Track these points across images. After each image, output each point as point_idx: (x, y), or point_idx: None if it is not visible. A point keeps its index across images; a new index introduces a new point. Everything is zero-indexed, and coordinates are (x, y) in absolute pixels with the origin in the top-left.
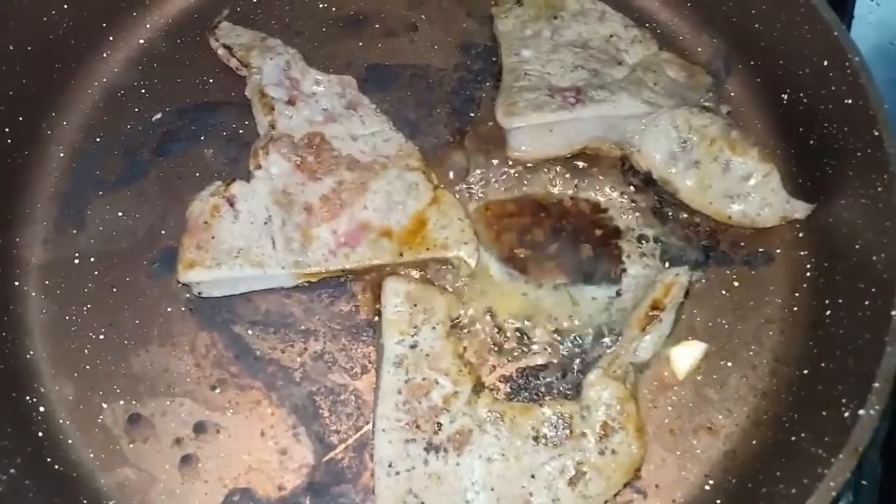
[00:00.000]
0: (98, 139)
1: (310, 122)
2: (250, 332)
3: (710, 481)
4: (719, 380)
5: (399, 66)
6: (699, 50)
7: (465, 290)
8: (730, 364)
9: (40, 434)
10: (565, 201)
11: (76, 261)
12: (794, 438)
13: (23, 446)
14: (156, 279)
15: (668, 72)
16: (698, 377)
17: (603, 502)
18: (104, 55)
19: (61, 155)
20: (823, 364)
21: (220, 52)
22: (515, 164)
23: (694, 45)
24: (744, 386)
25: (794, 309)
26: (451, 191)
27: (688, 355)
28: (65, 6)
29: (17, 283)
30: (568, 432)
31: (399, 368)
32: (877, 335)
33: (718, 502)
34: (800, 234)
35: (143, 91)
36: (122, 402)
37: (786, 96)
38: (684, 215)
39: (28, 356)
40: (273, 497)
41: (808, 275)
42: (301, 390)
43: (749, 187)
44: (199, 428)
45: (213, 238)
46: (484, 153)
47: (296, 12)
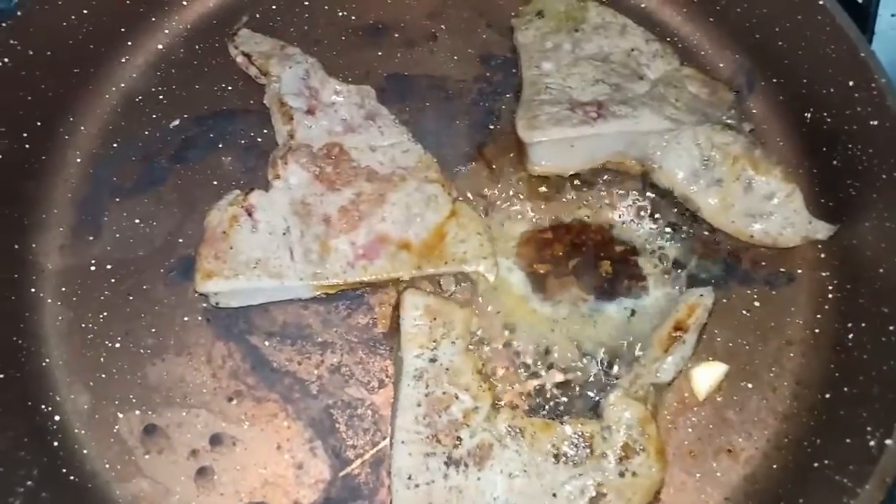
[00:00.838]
0: (115, 145)
1: (329, 133)
2: (267, 343)
3: None
4: (740, 401)
5: (418, 76)
6: (721, 66)
7: (484, 305)
8: (750, 385)
9: (56, 444)
10: (585, 217)
11: (93, 268)
12: (816, 465)
13: (39, 457)
14: (173, 288)
15: (689, 87)
16: (718, 398)
17: None
18: (123, 60)
19: (78, 160)
20: (846, 389)
21: (239, 59)
22: (535, 178)
23: (716, 60)
24: (764, 408)
25: (816, 331)
26: (469, 204)
27: (708, 376)
28: (84, 11)
29: (33, 290)
30: (588, 452)
31: (419, 382)
32: None
33: None
34: (822, 255)
35: (161, 97)
36: (138, 412)
37: (809, 115)
38: (705, 233)
39: (44, 364)
40: None
41: (830, 296)
42: (318, 403)
43: (771, 207)
44: (216, 440)
45: (230, 248)
46: (503, 166)
47: (315, 20)
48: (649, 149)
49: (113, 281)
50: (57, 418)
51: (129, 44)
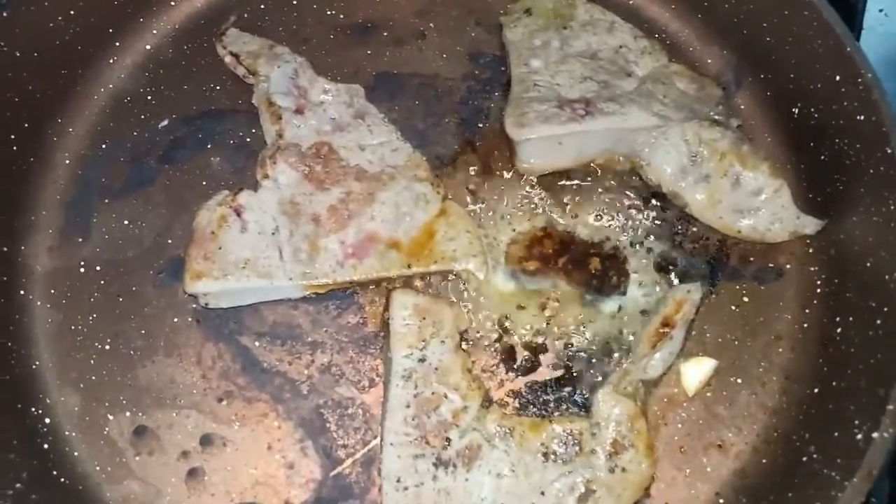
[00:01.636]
0: (104, 146)
1: (318, 132)
2: (257, 343)
3: (721, 500)
4: (729, 397)
5: (407, 74)
6: (709, 62)
7: (473, 303)
8: (739, 381)
9: (46, 446)
10: (574, 214)
11: (82, 269)
12: (805, 459)
13: (29, 459)
14: (162, 289)
15: (677, 84)
16: (708, 394)
17: None
18: (111, 61)
19: (67, 162)
20: (835, 383)
21: (228, 59)
22: (524, 175)
23: (704, 57)
24: (754, 403)
25: (805, 325)
26: (459, 202)
27: (697, 371)
28: (71, 12)
29: (22, 292)
30: (577, 449)
31: (408, 382)
32: (890, 356)
33: None
34: (810, 250)
35: (149, 98)
36: (128, 413)
37: (797, 110)
38: (693, 229)
39: (34, 366)
40: None
41: (818, 291)
42: (308, 403)
43: (759, 202)
44: (206, 441)
45: (220, 249)
46: (493, 164)
47: (303, 19)
48: (637, 145)
49: (102, 282)
50: (47, 420)
51: (117, 44)
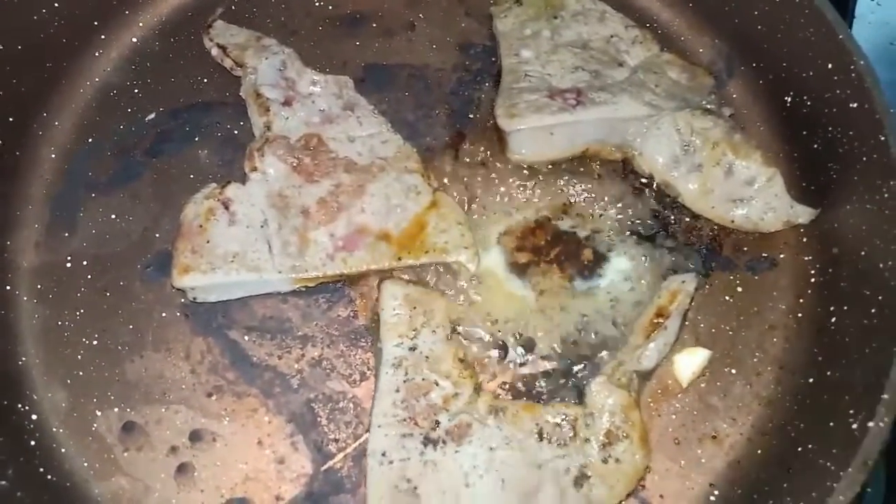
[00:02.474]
0: (90, 140)
1: (306, 124)
2: (246, 337)
3: (716, 492)
4: (723, 387)
5: (397, 65)
6: (701, 51)
7: (465, 294)
8: (734, 371)
9: (33, 443)
10: (566, 204)
11: (68, 264)
12: (800, 449)
13: (15, 455)
14: (150, 283)
15: (669, 73)
16: (702, 384)
17: None
18: (96, 54)
19: (53, 156)
20: (829, 373)
21: (215, 51)
22: (515, 166)
23: (695, 46)
24: (748, 394)
25: (799, 315)
26: (450, 194)
27: (691, 362)
28: (56, 4)
29: (8, 288)
30: (572, 434)
31: (398, 369)
32: (884, 345)
33: None
34: (804, 239)
35: (136, 91)
36: (117, 409)
37: (789, 99)
38: (686, 219)
39: (20, 363)
40: None
41: (812, 280)
42: (299, 398)
43: (752, 191)
44: (195, 436)
45: (207, 242)
46: (484, 155)
47: (292, 11)
48: (629, 135)
49: (89, 277)
50: (34, 417)
51: (103, 37)
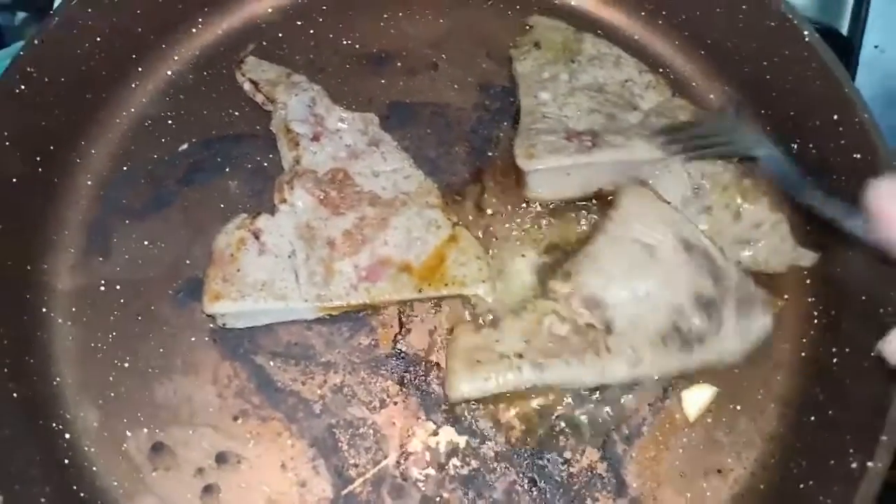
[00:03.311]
0: (125, 168)
1: (333, 158)
2: (272, 363)
3: None
4: (728, 423)
5: (420, 104)
6: (711, 97)
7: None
8: (739, 408)
9: (66, 461)
10: (581, 242)
11: (102, 288)
12: (801, 486)
13: (50, 474)
14: (180, 308)
15: (680, 118)
16: (708, 420)
17: None
18: (133, 86)
19: (89, 183)
20: (831, 412)
21: (247, 86)
22: (532, 203)
23: (706, 92)
24: (752, 430)
25: (802, 355)
26: (469, 228)
27: (698, 398)
28: (98, 39)
29: (44, 310)
30: None
31: None
32: (883, 388)
33: None
34: (807, 281)
35: (170, 122)
36: (146, 430)
37: (795, 146)
38: None
39: (54, 383)
40: None
41: (815, 322)
42: (321, 423)
43: (759, 234)
44: (221, 458)
45: (238, 270)
46: (501, 192)
47: (320, 48)
48: (642, 177)
49: (122, 301)
50: (67, 436)
51: (140, 70)
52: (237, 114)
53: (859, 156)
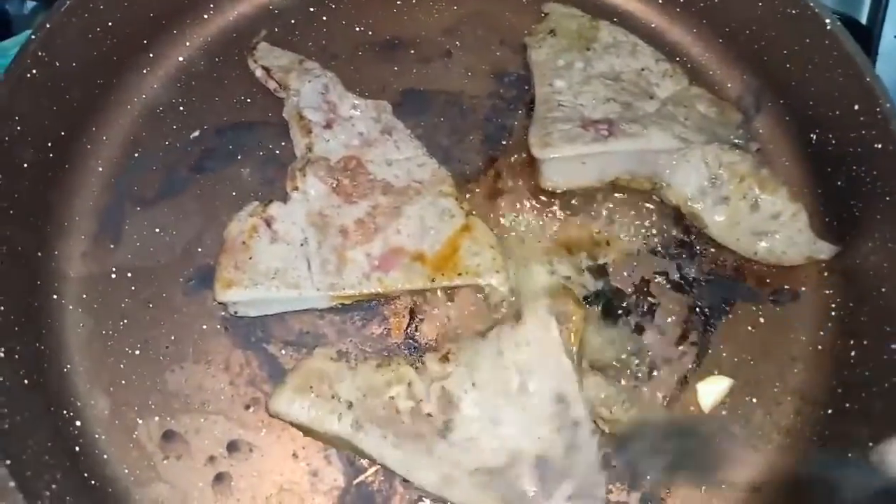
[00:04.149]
0: (137, 155)
1: (346, 146)
2: (283, 351)
3: None
4: (744, 416)
5: (433, 91)
6: (729, 86)
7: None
8: (755, 400)
9: (77, 449)
10: (595, 232)
11: (113, 275)
12: (819, 479)
13: (61, 461)
14: (192, 296)
15: (698, 107)
16: (723, 412)
17: None
18: (144, 72)
19: (101, 170)
20: (848, 405)
21: (259, 73)
22: (546, 192)
23: (724, 80)
24: (768, 423)
25: (819, 348)
26: (482, 218)
27: (713, 391)
28: (109, 24)
29: (55, 297)
30: None
31: None
32: None
33: None
34: (825, 274)
35: (181, 109)
36: (157, 418)
37: (815, 136)
38: (712, 250)
39: (65, 370)
40: None
41: (833, 314)
42: None
43: (776, 226)
44: (233, 447)
45: (250, 258)
46: (515, 181)
47: (333, 35)
48: (658, 167)
49: (133, 289)
50: (78, 423)
51: (151, 56)
52: (249, 101)
53: (880, 146)
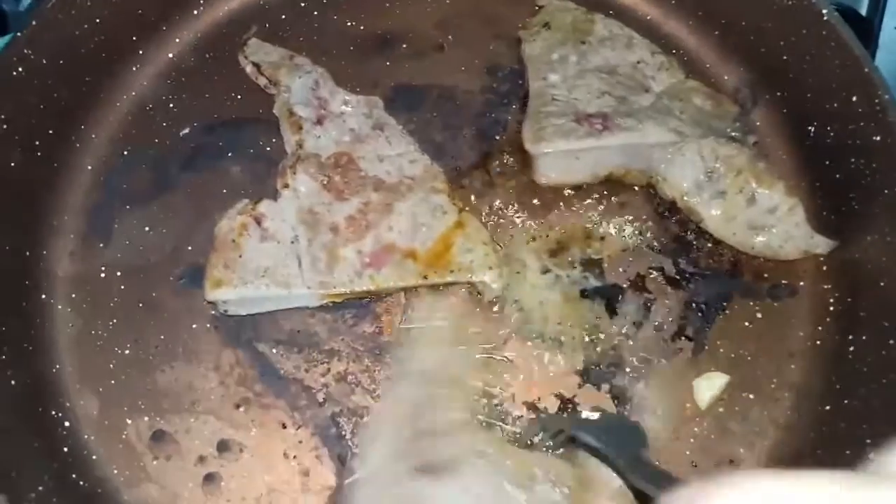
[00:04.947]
0: (126, 152)
1: (337, 143)
2: (274, 350)
3: None
4: (741, 412)
5: (426, 86)
6: (726, 79)
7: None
8: (752, 396)
9: (65, 449)
10: (590, 227)
11: (102, 274)
12: None
13: (50, 462)
14: (182, 295)
15: (694, 100)
16: (720, 409)
17: None
18: (133, 69)
19: (89, 168)
20: (847, 401)
21: (249, 69)
22: (540, 188)
23: (721, 73)
24: (765, 419)
25: (818, 343)
26: (476, 214)
27: (710, 387)
28: (97, 21)
29: (43, 296)
30: None
31: None
32: None
33: None
34: (824, 268)
35: (171, 106)
36: (147, 418)
37: (812, 129)
38: (708, 245)
39: (53, 370)
40: None
41: (831, 309)
42: (324, 411)
43: (773, 220)
44: (223, 446)
45: (240, 257)
46: (509, 177)
47: (324, 31)
48: (654, 161)
49: (122, 288)
50: (66, 424)
51: (140, 52)
52: (239, 97)
53: (879, 138)
